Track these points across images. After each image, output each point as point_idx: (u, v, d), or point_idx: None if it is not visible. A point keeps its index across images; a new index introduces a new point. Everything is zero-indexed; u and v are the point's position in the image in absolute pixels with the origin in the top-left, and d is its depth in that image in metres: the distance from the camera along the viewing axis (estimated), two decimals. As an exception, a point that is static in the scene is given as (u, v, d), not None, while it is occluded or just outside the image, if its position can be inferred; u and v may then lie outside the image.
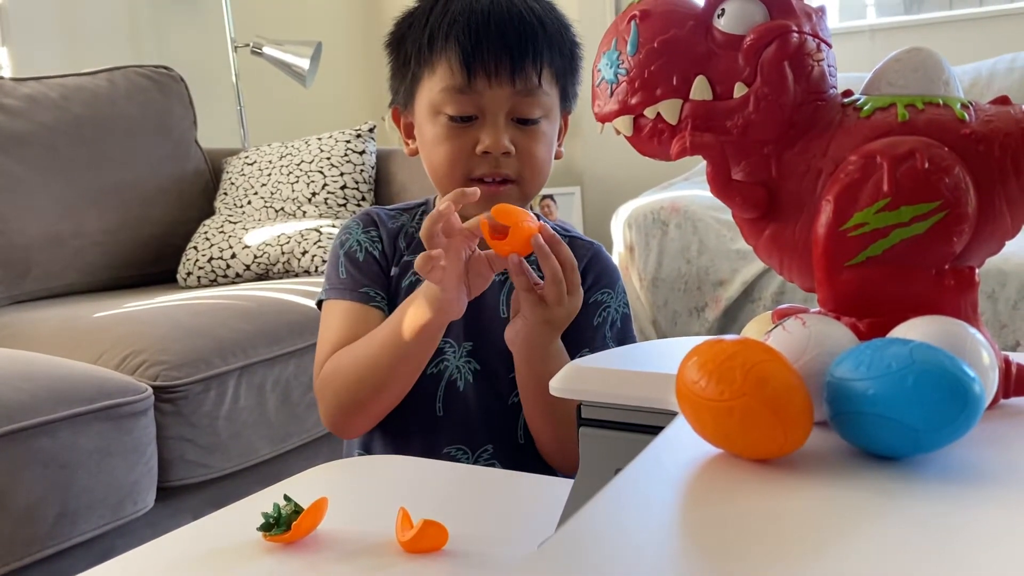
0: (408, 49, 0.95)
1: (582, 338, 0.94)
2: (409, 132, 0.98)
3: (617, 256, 2.42)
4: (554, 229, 1.02)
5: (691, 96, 0.47)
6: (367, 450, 0.99)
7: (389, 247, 0.98)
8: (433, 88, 0.92)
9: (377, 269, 0.97)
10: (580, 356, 0.91)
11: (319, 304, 0.99)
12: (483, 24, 0.89)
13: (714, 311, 2.28)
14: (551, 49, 0.92)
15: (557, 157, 0.99)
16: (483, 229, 0.79)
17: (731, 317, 2.25)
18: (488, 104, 0.90)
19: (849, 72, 1.53)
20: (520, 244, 0.78)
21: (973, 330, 0.41)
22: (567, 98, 0.97)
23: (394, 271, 0.98)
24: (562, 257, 0.81)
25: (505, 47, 0.89)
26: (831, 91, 0.48)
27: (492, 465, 0.94)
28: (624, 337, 0.99)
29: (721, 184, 0.49)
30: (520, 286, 0.82)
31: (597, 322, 0.97)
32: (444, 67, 0.90)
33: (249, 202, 2.04)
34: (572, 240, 1.01)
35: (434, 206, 1.01)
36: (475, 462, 0.94)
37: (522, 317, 0.84)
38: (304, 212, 1.99)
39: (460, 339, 0.95)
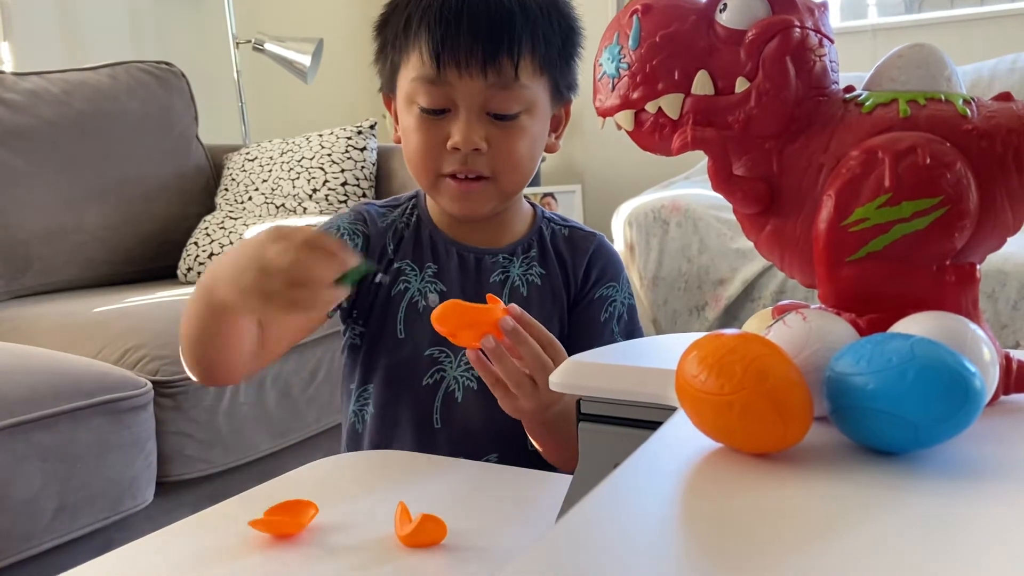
0: (388, 34, 0.91)
1: (590, 335, 0.93)
2: (397, 118, 0.95)
3: (617, 254, 2.42)
4: (552, 220, 0.99)
5: (693, 91, 0.47)
6: None
7: (375, 245, 0.94)
8: (407, 76, 0.88)
9: None
10: None
11: None
12: (456, 11, 0.84)
13: (714, 310, 2.28)
14: (534, 37, 0.86)
15: (551, 150, 0.96)
16: (439, 331, 0.74)
17: (732, 316, 2.25)
18: (460, 97, 0.86)
19: (850, 72, 1.53)
20: (476, 341, 0.74)
21: (974, 326, 0.41)
22: (560, 88, 0.92)
23: (381, 278, 0.93)
24: (526, 355, 0.75)
25: (477, 36, 0.84)
26: (833, 86, 0.48)
27: None
28: (632, 330, 0.97)
29: (722, 179, 0.49)
30: (485, 380, 0.77)
31: (604, 318, 0.95)
32: (416, 56, 0.87)
33: (250, 198, 2.04)
34: (572, 231, 0.99)
35: (424, 199, 0.98)
36: None
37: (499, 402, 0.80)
38: (305, 208, 1.99)
39: (459, 349, 0.92)
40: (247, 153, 2.14)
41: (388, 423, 0.94)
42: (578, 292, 0.96)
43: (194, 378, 0.85)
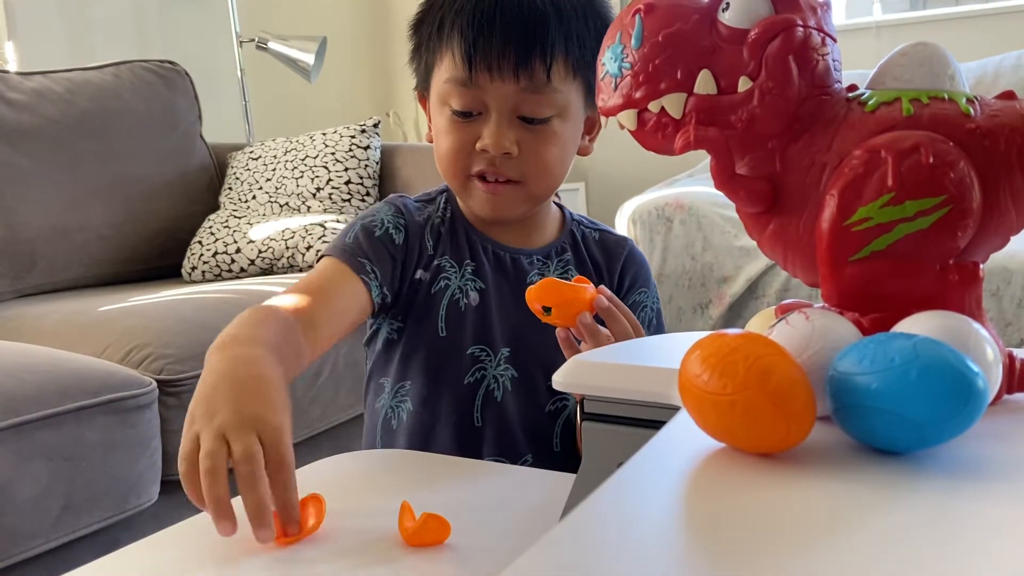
0: (423, 34, 0.91)
1: None
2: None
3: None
4: (581, 223, 0.99)
5: (695, 90, 0.47)
6: None
7: (414, 241, 0.93)
8: (440, 78, 0.88)
9: (387, 253, 0.90)
10: None
11: (320, 259, 0.92)
12: (489, 13, 0.84)
13: (718, 308, 2.28)
14: (568, 40, 0.85)
15: (584, 153, 0.95)
16: (532, 309, 0.75)
17: (735, 314, 2.25)
18: (491, 100, 0.85)
19: (854, 69, 1.53)
20: (567, 319, 0.76)
21: (977, 325, 0.41)
22: (594, 90, 0.91)
23: (421, 274, 0.92)
24: (617, 333, 0.76)
25: (509, 39, 0.83)
26: (836, 85, 0.48)
27: None
28: (660, 333, 0.97)
29: (725, 178, 0.49)
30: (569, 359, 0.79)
31: None
32: (449, 57, 0.86)
33: (254, 197, 2.04)
34: (603, 235, 0.99)
35: (455, 196, 0.97)
36: None
37: None
38: (308, 207, 1.99)
39: (498, 345, 0.91)
40: (251, 152, 2.15)
41: (429, 420, 0.92)
42: None
43: None
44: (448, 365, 0.92)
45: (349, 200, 2.02)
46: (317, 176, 2.02)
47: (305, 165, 2.04)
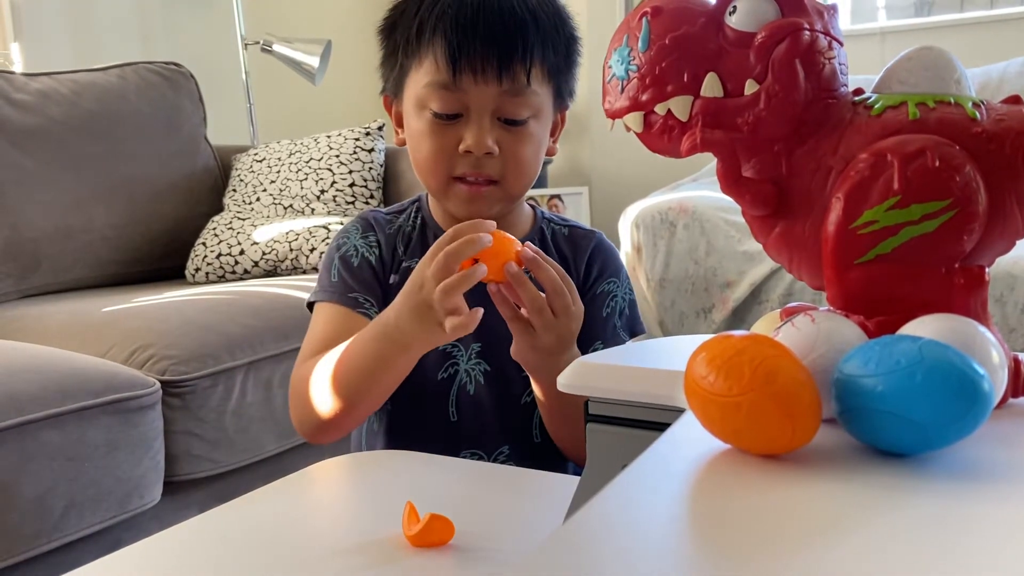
0: (398, 38, 0.93)
1: (593, 331, 0.93)
2: (399, 121, 0.96)
3: (624, 256, 2.42)
4: (552, 220, 1.01)
5: (702, 93, 0.47)
6: None
7: (387, 252, 0.96)
8: (419, 81, 0.89)
9: (370, 275, 0.94)
10: (593, 349, 0.90)
11: (310, 306, 0.97)
12: (471, 19, 0.86)
13: (722, 312, 2.27)
14: (544, 46, 0.88)
15: (550, 154, 0.98)
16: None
17: (739, 318, 2.25)
18: (473, 102, 0.87)
19: (859, 75, 1.53)
20: (496, 272, 0.76)
21: (982, 328, 0.41)
22: (562, 96, 0.94)
23: (393, 279, 0.95)
24: (544, 280, 0.78)
25: (493, 44, 0.86)
26: (842, 89, 0.48)
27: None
28: (633, 324, 0.98)
29: (731, 181, 0.49)
30: (504, 315, 0.79)
31: (606, 313, 0.96)
32: (430, 61, 0.88)
33: (258, 199, 2.05)
34: (572, 230, 1.01)
35: (427, 203, 1.00)
36: None
37: (515, 343, 0.82)
38: (312, 209, 2.00)
39: (468, 341, 0.93)
40: (255, 154, 2.15)
41: (405, 418, 0.94)
42: (580, 289, 0.97)
43: (316, 433, 0.90)
44: (421, 362, 0.93)
45: (353, 203, 2.02)
46: (321, 178, 2.02)
47: (309, 167, 2.05)
